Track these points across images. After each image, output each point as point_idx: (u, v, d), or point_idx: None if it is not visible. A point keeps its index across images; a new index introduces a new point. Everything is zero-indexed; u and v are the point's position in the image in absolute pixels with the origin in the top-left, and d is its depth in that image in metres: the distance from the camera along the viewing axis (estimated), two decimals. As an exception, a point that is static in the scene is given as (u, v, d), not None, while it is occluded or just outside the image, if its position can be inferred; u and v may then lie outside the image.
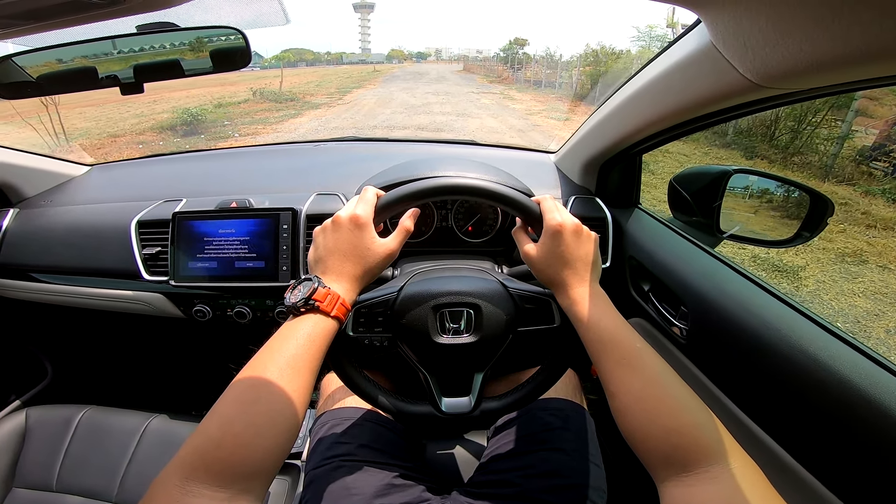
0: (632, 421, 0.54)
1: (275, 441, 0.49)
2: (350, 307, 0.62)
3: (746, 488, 0.45)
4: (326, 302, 0.58)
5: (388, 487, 0.76)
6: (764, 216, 1.07)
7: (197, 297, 1.12)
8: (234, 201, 1.08)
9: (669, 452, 0.49)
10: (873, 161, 6.76)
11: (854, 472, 0.60)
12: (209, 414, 0.50)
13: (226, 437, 0.47)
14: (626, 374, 0.56)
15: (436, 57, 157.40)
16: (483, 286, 0.73)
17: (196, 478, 0.45)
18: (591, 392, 1.00)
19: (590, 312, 0.61)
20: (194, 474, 0.45)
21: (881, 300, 3.54)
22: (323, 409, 0.95)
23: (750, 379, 0.75)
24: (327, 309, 0.58)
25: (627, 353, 0.57)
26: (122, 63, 0.85)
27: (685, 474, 0.47)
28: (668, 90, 0.76)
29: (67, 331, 1.59)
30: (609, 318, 0.61)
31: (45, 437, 1.09)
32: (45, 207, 1.27)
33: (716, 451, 0.48)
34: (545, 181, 1.25)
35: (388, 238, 0.67)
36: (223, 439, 0.47)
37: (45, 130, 8.38)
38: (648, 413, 0.53)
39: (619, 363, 0.57)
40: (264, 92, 17.71)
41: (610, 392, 0.57)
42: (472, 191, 0.68)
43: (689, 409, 0.52)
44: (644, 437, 0.52)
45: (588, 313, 0.61)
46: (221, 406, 0.50)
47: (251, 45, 0.88)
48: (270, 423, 0.49)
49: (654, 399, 0.53)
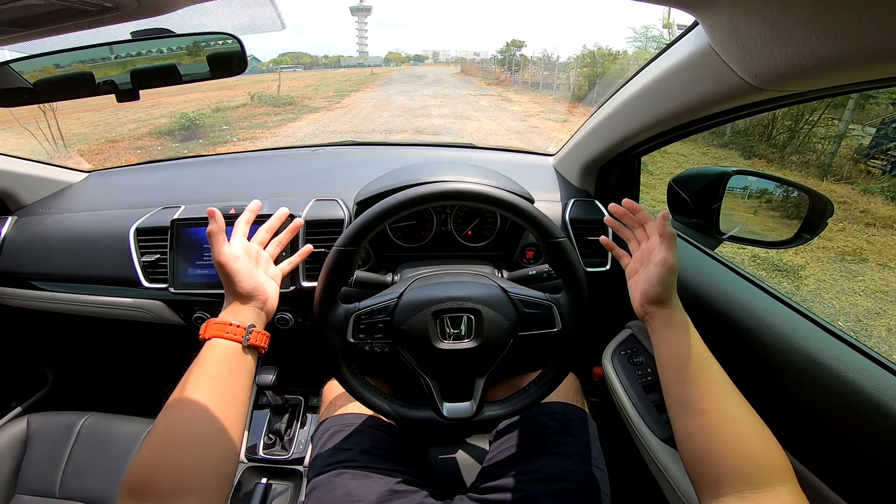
0: (720, 439, 0.57)
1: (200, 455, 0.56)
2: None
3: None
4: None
5: (391, 493, 0.76)
6: (763, 217, 1.07)
7: (197, 304, 1.12)
8: (232, 207, 1.07)
9: (749, 471, 0.53)
10: (871, 159, 6.77)
11: (857, 472, 0.60)
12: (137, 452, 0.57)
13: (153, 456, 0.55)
14: (726, 395, 0.60)
15: (433, 59, 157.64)
16: (483, 291, 0.73)
17: (137, 496, 0.52)
18: (593, 395, 1.00)
19: (696, 332, 0.67)
20: (134, 493, 0.52)
21: (882, 298, 3.54)
22: (325, 415, 0.95)
23: (752, 381, 0.75)
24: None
25: (726, 377, 0.62)
26: (120, 68, 0.85)
27: (751, 491, 0.51)
28: (666, 93, 0.76)
29: (68, 338, 1.59)
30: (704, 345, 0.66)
31: (47, 444, 1.09)
32: (44, 215, 1.27)
33: (784, 475, 0.53)
34: (544, 184, 1.24)
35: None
36: (151, 459, 0.55)
37: (43, 136, 8.36)
38: (741, 433, 0.56)
39: (723, 385, 0.61)
40: (262, 96, 17.71)
41: (699, 409, 0.60)
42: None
43: (770, 438, 0.56)
44: (729, 454, 0.55)
45: (696, 334, 0.66)
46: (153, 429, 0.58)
47: (248, 50, 0.88)
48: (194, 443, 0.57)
49: (748, 422, 0.57)
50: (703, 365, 0.63)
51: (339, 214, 1.09)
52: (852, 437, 0.60)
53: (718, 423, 0.58)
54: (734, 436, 0.56)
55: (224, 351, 0.66)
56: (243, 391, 0.66)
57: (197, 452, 0.55)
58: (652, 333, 0.70)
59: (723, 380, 0.62)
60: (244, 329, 0.68)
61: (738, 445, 0.55)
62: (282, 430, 1.18)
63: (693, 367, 0.63)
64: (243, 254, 0.75)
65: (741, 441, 0.55)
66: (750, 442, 0.55)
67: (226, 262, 0.71)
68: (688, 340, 0.65)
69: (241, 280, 0.71)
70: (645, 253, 0.76)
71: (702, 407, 0.60)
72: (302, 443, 1.17)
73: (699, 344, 0.65)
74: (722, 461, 0.55)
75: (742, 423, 0.57)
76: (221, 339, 0.66)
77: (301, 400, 1.27)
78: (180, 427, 0.58)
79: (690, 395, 0.62)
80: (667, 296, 0.69)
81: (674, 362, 0.65)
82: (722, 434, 0.57)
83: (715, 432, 0.57)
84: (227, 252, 0.72)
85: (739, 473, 0.53)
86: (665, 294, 0.69)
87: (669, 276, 0.68)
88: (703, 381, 0.62)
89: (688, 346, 0.65)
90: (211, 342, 0.66)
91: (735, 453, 0.55)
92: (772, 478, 0.52)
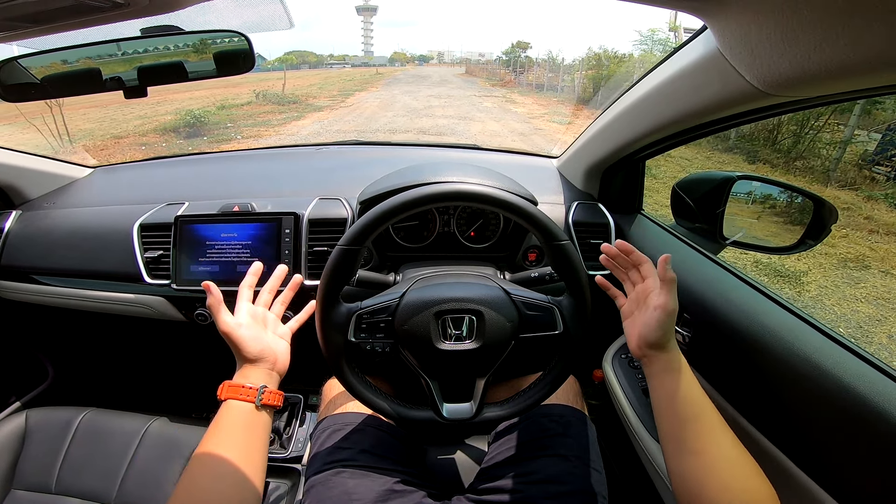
0: (718, 478, 0.58)
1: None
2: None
3: None
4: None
5: (389, 493, 0.76)
6: (767, 222, 1.07)
7: (199, 301, 1.12)
8: (236, 205, 1.08)
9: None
10: (876, 165, 6.75)
11: (857, 479, 0.59)
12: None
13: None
14: (722, 436, 0.62)
15: (438, 60, 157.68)
16: (485, 293, 0.73)
17: None
18: (592, 398, 1.00)
19: (691, 376, 0.67)
20: None
21: (884, 305, 3.52)
22: (324, 413, 0.95)
23: (753, 387, 0.75)
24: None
25: (720, 418, 0.64)
26: (127, 64, 0.85)
27: None
28: (673, 96, 0.76)
29: (69, 333, 1.59)
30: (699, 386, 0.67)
31: (45, 439, 1.09)
32: (48, 210, 1.27)
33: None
34: (548, 187, 1.24)
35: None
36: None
37: (49, 132, 8.40)
38: (734, 473, 0.58)
39: (717, 426, 0.63)
40: (267, 94, 17.73)
41: (694, 450, 0.62)
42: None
43: (758, 470, 0.59)
44: (721, 494, 0.57)
45: (691, 376, 0.67)
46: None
47: (255, 49, 0.88)
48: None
49: (740, 463, 0.59)
50: (698, 408, 0.64)
51: (343, 213, 1.09)
52: (851, 444, 0.59)
53: (712, 465, 0.59)
54: (729, 478, 0.58)
55: (239, 411, 0.69)
56: (261, 444, 0.69)
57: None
58: (649, 377, 0.71)
59: (717, 421, 0.63)
60: (256, 391, 0.70)
61: (730, 486, 0.57)
62: (280, 428, 1.18)
63: (689, 410, 0.64)
64: (249, 319, 0.77)
65: (734, 481, 0.57)
66: (744, 482, 0.57)
67: (229, 331, 0.73)
68: (685, 384, 0.66)
69: (246, 346, 0.73)
70: (640, 294, 0.75)
71: (696, 447, 0.61)
72: (301, 441, 1.17)
73: (696, 387, 0.66)
74: (714, 500, 0.57)
75: (735, 463, 0.59)
76: (236, 400, 0.69)
77: (300, 398, 1.27)
78: (202, 483, 0.62)
79: (685, 435, 0.63)
80: (665, 340, 0.69)
81: (670, 404, 0.66)
82: (715, 474, 0.59)
83: (709, 473, 0.59)
84: (230, 321, 0.74)
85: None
86: (664, 338, 0.69)
87: (668, 322, 0.69)
88: (698, 422, 0.63)
89: (685, 389, 0.66)
90: (227, 403, 0.69)
91: (727, 493, 0.57)
92: None
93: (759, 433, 0.74)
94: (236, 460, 0.63)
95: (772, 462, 0.71)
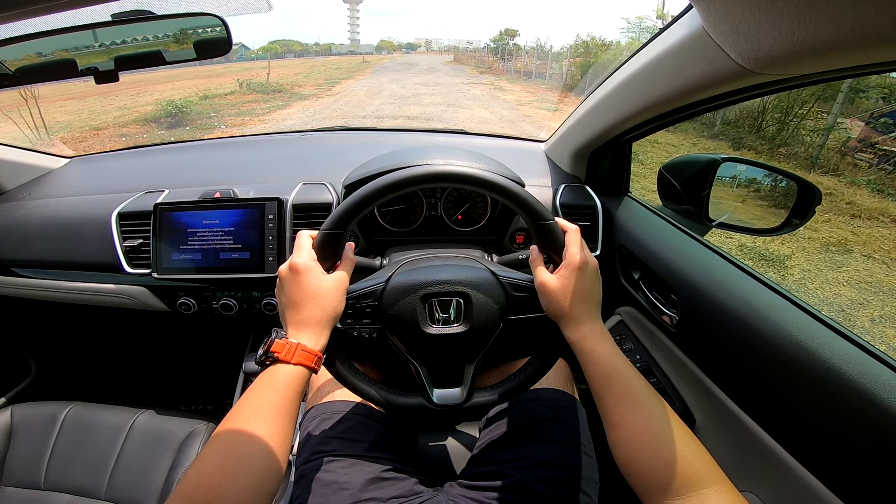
0: (634, 451, 0.58)
1: (247, 482, 0.53)
2: (317, 351, 0.63)
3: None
4: (284, 352, 0.61)
5: (379, 481, 0.76)
6: (752, 205, 1.08)
7: (181, 290, 1.10)
8: (217, 192, 1.05)
9: (668, 480, 0.54)
10: (858, 153, 6.85)
11: (841, 459, 0.60)
12: (192, 463, 0.55)
13: (200, 480, 0.52)
14: (631, 408, 0.60)
15: (426, 48, 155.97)
16: (472, 275, 0.72)
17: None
18: (583, 382, 1.00)
19: (599, 348, 0.64)
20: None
21: (866, 289, 3.60)
22: (312, 402, 0.94)
23: (740, 368, 0.76)
24: (287, 358, 0.61)
25: (632, 388, 0.61)
26: (104, 56, 0.83)
27: (677, 498, 0.52)
28: (659, 77, 0.76)
29: (51, 326, 1.57)
30: (616, 355, 0.64)
31: (32, 435, 1.07)
32: (24, 201, 1.24)
33: (707, 478, 0.53)
34: (535, 170, 1.24)
35: (336, 271, 0.69)
36: (199, 483, 0.52)
37: (25, 124, 8.18)
38: (652, 445, 0.57)
39: (624, 397, 0.61)
40: (251, 83, 17.44)
41: (612, 423, 0.61)
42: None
43: (686, 441, 0.56)
44: (644, 467, 0.56)
45: (598, 348, 0.64)
46: (200, 455, 0.55)
47: (237, 38, 0.85)
48: (239, 466, 0.53)
49: (657, 432, 0.57)
50: (608, 381, 0.62)
51: (327, 198, 1.07)
52: (836, 423, 0.60)
53: (630, 436, 0.59)
54: (647, 448, 0.57)
55: (294, 375, 0.63)
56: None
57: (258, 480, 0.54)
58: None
59: (634, 387, 0.61)
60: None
61: (651, 457, 0.56)
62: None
63: (599, 384, 0.63)
64: None
65: (653, 452, 0.56)
66: (662, 451, 0.55)
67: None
68: (588, 356, 0.65)
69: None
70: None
71: (613, 421, 0.61)
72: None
73: (607, 357, 0.64)
74: (642, 472, 0.56)
75: (650, 433, 0.57)
76: (292, 364, 0.63)
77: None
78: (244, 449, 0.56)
79: (603, 409, 0.62)
80: (558, 311, 0.67)
81: (588, 377, 0.65)
82: (634, 447, 0.58)
83: (629, 445, 0.58)
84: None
85: (660, 483, 0.54)
86: (555, 308, 0.68)
87: (544, 293, 0.68)
88: (611, 395, 0.61)
89: (591, 362, 0.64)
90: (280, 367, 0.62)
91: (652, 464, 0.56)
92: (693, 483, 0.53)
93: (746, 414, 0.75)
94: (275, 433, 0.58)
95: (759, 445, 0.71)
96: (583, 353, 0.65)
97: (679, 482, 0.53)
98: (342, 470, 0.76)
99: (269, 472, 0.55)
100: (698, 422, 0.90)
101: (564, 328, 0.67)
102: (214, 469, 0.53)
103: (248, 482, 0.53)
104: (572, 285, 0.66)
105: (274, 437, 0.56)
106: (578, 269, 0.66)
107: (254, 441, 0.55)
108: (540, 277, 0.69)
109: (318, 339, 0.64)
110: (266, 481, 0.54)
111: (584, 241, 0.70)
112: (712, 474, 0.54)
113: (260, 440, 0.55)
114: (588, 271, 0.67)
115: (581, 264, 0.66)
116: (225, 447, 0.55)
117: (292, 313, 0.64)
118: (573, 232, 0.70)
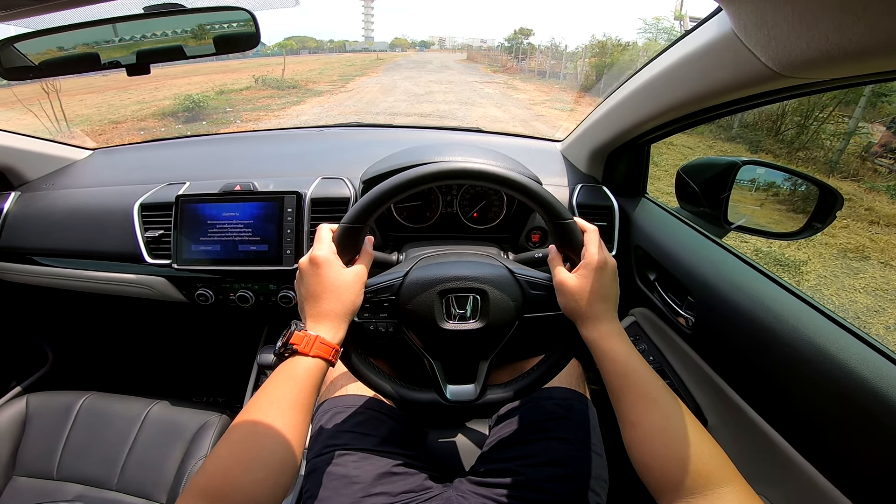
0: (651, 451, 0.58)
1: (264, 475, 0.53)
2: (335, 344, 0.63)
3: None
4: (303, 344, 0.61)
5: (390, 476, 0.76)
6: (771, 208, 1.06)
7: (200, 281, 1.11)
8: (238, 185, 1.07)
9: (683, 478, 0.54)
10: (879, 158, 6.72)
11: (857, 464, 0.59)
12: (209, 454, 0.55)
13: (217, 472, 0.52)
14: (648, 407, 0.60)
15: (439, 46, 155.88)
16: (490, 272, 0.72)
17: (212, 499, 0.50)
18: (594, 382, 1.00)
19: (617, 347, 0.64)
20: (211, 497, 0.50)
21: (882, 297, 3.53)
22: (325, 396, 0.95)
23: (756, 369, 0.75)
24: (305, 350, 0.61)
25: (649, 388, 0.61)
26: (125, 50, 0.83)
27: (692, 497, 0.52)
28: (684, 78, 0.75)
29: (69, 316, 1.59)
30: (633, 355, 0.64)
31: (46, 425, 1.08)
32: (47, 191, 1.26)
33: (722, 477, 0.53)
34: (552, 169, 1.23)
35: (355, 265, 0.69)
36: (215, 474, 0.52)
37: (47, 117, 8.35)
38: (668, 444, 0.57)
39: (641, 397, 0.61)
40: (266, 79, 17.58)
41: (629, 422, 0.61)
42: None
43: (702, 441, 0.56)
44: (661, 465, 0.56)
45: (616, 347, 0.64)
46: (217, 447, 0.55)
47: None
48: (256, 459, 0.53)
49: (673, 431, 0.57)
50: (626, 380, 0.62)
51: (346, 193, 1.08)
52: (854, 429, 0.59)
53: (646, 436, 0.59)
54: (663, 447, 0.57)
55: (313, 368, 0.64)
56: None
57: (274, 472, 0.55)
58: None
59: (651, 387, 0.61)
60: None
61: (668, 456, 0.56)
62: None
63: (616, 383, 0.63)
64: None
65: (669, 451, 0.56)
66: (678, 450, 0.56)
67: None
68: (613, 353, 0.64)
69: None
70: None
71: (630, 420, 0.61)
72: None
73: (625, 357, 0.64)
74: (657, 471, 0.57)
75: (667, 431, 0.58)
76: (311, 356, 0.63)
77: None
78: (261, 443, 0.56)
79: (619, 408, 0.62)
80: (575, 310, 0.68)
81: (604, 376, 0.65)
82: (651, 446, 0.58)
83: (645, 445, 0.59)
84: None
85: (676, 482, 0.54)
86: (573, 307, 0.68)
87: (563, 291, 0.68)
88: (629, 394, 0.62)
89: (608, 361, 0.64)
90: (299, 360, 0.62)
91: (668, 463, 0.56)
92: (709, 482, 0.53)
93: (760, 417, 0.74)
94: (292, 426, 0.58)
95: (774, 450, 0.71)
96: (600, 352, 0.65)
97: (695, 481, 0.53)
98: (353, 464, 0.77)
99: (286, 465, 0.55)
100: (710, 423, 0.89)
101: (582, 327, 0.67)
102: (232, 461, 0.53)
103: (266, 476, 0.53)
104: (591, 284, 0.66)
105: (291, 430, 0.57)
106: (598, 269, 0.66)
107: (271, 434, 0.55)
108: (559, 276, 0.69)
109: (337, 332, 0.64)
110: (282, 474, 0.55)
111: (601, 241, 0.70)
112: (728, 473, 0.54)
113: (278, 433, 0.55)
114: (607, 271, 0.67)
115: (601, 264, 0.66)
116: (243, 438, 0.55)
117: (311, 305, 0.65)
118: (592, 232, 0.70)
